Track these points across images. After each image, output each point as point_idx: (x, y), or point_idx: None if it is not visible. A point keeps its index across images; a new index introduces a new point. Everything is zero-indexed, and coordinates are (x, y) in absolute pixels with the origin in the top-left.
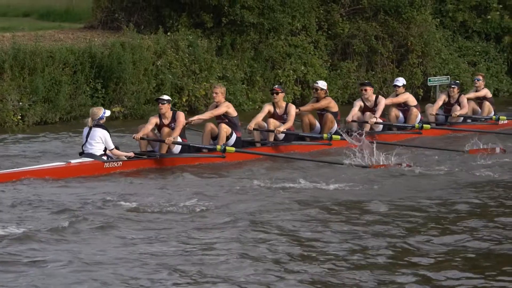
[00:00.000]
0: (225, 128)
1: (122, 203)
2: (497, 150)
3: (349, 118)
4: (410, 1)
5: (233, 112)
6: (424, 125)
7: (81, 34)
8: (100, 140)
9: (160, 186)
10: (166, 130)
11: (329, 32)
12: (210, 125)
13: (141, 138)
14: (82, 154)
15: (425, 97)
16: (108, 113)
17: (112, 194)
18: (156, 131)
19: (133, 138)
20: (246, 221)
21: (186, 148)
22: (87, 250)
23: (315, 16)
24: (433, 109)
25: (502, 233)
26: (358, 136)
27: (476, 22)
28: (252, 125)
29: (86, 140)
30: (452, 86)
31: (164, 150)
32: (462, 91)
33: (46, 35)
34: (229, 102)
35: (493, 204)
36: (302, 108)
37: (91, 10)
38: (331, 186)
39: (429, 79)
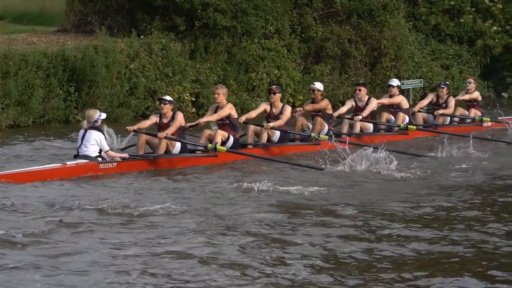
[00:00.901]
0: (220, 134)
1: (101, 206)
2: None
3: (336, 113)
4: (383, 5)
5: (234, 114)
6: (409, 126)
7: (54, 37)
8: (95, 142)
9: (145, 189)
10: (164, 129)
11: (302, 35)
12: (208, 132)
13: (134, 131)
14: (77, 156)
15: None
16: (103, 115)
17: (94, 197)
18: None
19: (126, 129)
20: (221, 225)
21: (183, 149)
22: (57, 254)
23: (288, 20)
24: (417, 106)
25: (474, 236)
26: (340, 138)
27: (449, 25)
28: (243, 118)
29: (81, 143)
30: (442, 86)
31: (162, 151)
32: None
33: (19, 38)
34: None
35: (464, 207)
36: (306, 108)
37: (64, 14)
38: (311, 189)
39: (403, 82)
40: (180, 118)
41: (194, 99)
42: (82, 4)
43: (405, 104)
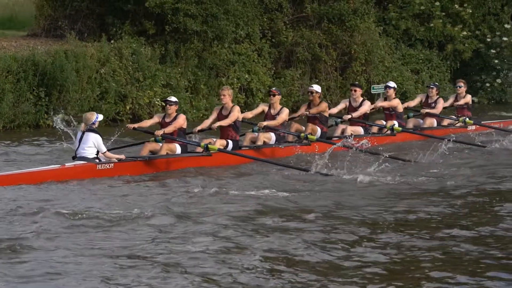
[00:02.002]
0: (219, 142)
1: (90, 210)
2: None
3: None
4: (353, 10)
5: (240, 116)
6: (394, 127)
7: (24, 42)
8: (92, 144)
9: (132, 193)
10: (165, 127)
11: (273, 40)
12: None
13: (134, 129)
14: (75, 157)
15: None
16: (100, 117)
17: (71, 201)
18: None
19: (126, 127)
20: (192, 229)
21: (184, 152)
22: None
23: (258, 24)
24: (405, 104)
25: (448, 241)
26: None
27: (419, 30)
28: (240, 117)
29: (79, 145)
30: (431, 86)
31: (163, 152)
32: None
33: None
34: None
35: (438, 212)
36: (311, 111)
37: (34, 18)
38: (291, 192)
39: (373, 87)
40: (181, 120)
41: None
42: (52, 9)
43: (400, 107)
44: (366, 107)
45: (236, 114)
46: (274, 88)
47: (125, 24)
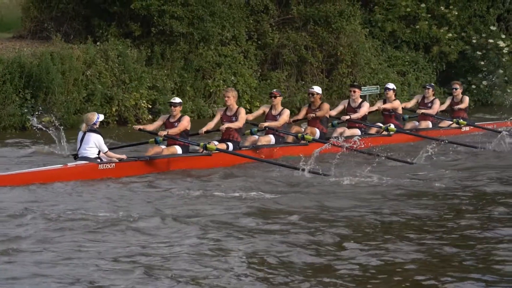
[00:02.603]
0: (219, 146)
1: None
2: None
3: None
4: (339, 11)
5: (245, 118)
6: (389, 128)
7: (10, 43)
8: (94, 145)
9: (128, 193)
10: (169, 127)
11: (259, 42)
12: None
13: (139, 130)
14: (76, 157)
15: None
16: (101, 117)
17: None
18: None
19: (133, 128)
20: (181, 229)
21: (185, 150)
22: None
23: (244, 26)
24: (402, 104)
25: (435, 244)
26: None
27: (405, 32)
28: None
29: (81, 145)
30: (428, 87)
31: (164, 154)
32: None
33: None
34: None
35: (427, 214)
36: (318, 114)
37: (20, 20)
38: (283, 194)
39: None
40: (185, 122)
41: (150, 106)
42: (38, 11)
43: (400, 109)
44: (366, 108)
45: (245, 117)
46: (275, 90)
47: (111, 26)
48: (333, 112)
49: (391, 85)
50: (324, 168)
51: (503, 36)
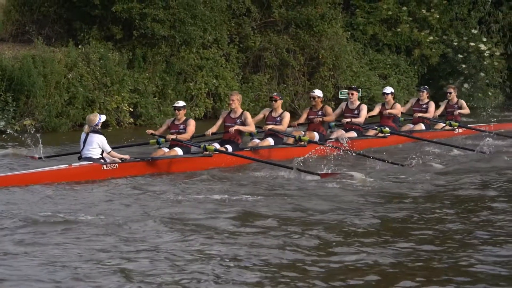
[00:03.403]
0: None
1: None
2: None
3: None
4: (321, 15)
5: None
6: (383, 130)
7: None
8: (97, 145)
9: (125, 194)
10: (174, 132)
11: (241, 45)
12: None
13: (151, 134)
14: (80, 158)
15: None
16: (103, 118)
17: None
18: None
19: (146, 132)
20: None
21: (187, 152)
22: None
23: (226, 29)
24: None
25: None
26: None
27: (387, 35)
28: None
29: (84, 146)
30: (422, 90)
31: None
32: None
33: None
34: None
35: (412, 216)
36: (325, 119)
37: (2, 23)
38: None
39: (340, 92)
40: (192, 127)
41: (132, 109)
42: (19, 14)
43: (399, 113)
44: (365, 111)
45: (251, 119)
46: (275, 94)
47: (93, 29)
48: (334, 113)
49: (389, 89)
50: (316, 169)
51: (484, 39)
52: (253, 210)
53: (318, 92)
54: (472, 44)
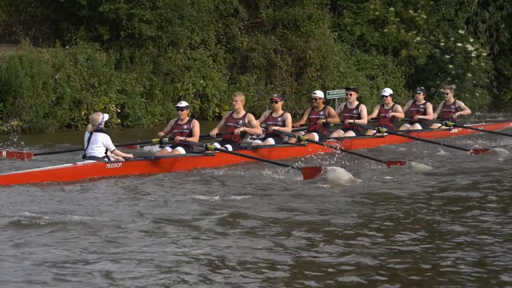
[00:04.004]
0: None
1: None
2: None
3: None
4: (308, 15)
5: None
6: (380, 129)
7: None
8: (101, 144)
9: (124, 195)
10: (177, 132)
11: (228, 45)
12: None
13: (163, 136)
14: (85, 157)
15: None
16: (106, 117)
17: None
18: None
19: (158, 134)
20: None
21: (189, 151)
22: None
23: (214, 30)
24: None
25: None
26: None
27: (374, 35)
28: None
29: (88, 145)
30: (418, 92)
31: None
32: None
33: None
34: (129, 115)
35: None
36: (330, 120)
37: None
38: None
39: (328, 92)
40: (198, 129)
41: (119, 110)
42: (6, 14)
43: (403, 116)
44: (366, 111)
45: (255, 121)
46: (275, 95)
47: (80, 30)
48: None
49: (387, 92)
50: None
51: (471, 40)
52: (242, 211)
53: (319, 93)
54: (459, 44)
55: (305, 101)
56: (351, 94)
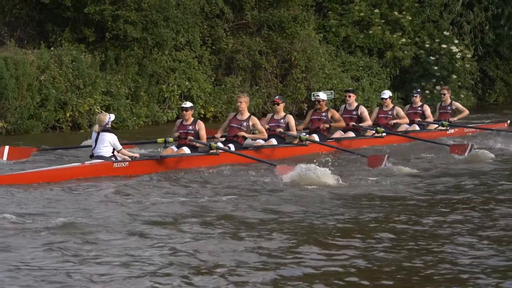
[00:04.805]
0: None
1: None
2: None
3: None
4: (293, 17)
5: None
6: (378, 129)
7: None
8: (108, 144)
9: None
10: (183, 133)
11: (213, 47)
12: None
13: (174, 139)
14: (92, 156)
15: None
16: (113, 117)
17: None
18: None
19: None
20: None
21: (194, 150)
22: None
23: (199, 31)
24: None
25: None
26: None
27: (359, 37)
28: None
29: (95, 144)
30: (415, 95)
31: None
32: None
33: None
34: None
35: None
36: (333, 125)
37: None
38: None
39: (313, 94)
40: (204, 131)
41: (104, 112)
42: None
43: (406, 120)
44: (367, 113)
45: (262, 127)
46: (277, 97)
47: (65, 31)
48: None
49: (386, 94)
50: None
51: (456, 41)
52: (227, 212)
53: (322, 95)
54: (444, 46)
55: (290, 102)
56: (350, 96)
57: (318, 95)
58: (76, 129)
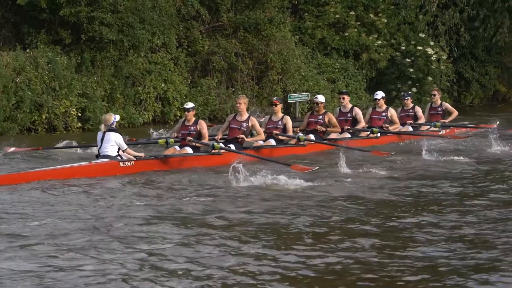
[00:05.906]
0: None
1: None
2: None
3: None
4: (269, 19)
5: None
6: (373, 129)
7: None
8: (114, 143)
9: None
10: (185, 133)
11: (189, 49)
12: None
13: (176, 137)
14: (98, 156)
15: (285, 113)
16: (118, 117)
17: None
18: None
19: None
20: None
21: (196, 150)
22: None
23: (175, 33)
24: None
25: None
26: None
27: (335, 39)
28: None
29: (101, 144)
30: (406, 98)
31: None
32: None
33: None
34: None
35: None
36: (330, 130)
37: None
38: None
39: (289, 96)
40: (205, 131)
41: (80, 114)
42: None
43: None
44: (361, 115)
45: (260, 129)
46: (275, 98)
47: (41, 33)
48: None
49: (379, 94)
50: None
51: (432, 43)
52: (227, 212)
53: (320, 98)
54: (419, 48)
55: (266, 104)
56: (343, 98)
57: (316, 98)
58: (52, 131)
